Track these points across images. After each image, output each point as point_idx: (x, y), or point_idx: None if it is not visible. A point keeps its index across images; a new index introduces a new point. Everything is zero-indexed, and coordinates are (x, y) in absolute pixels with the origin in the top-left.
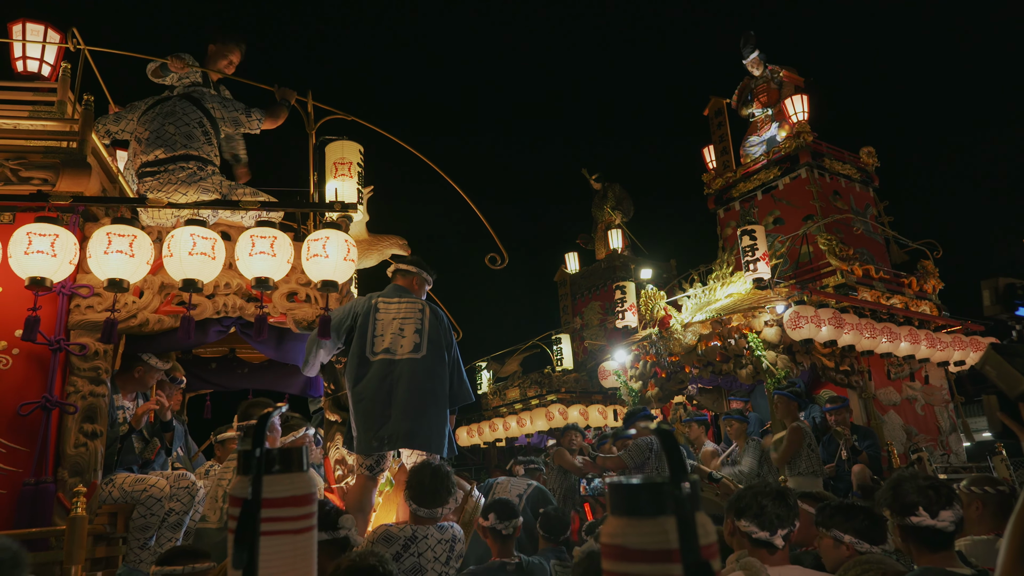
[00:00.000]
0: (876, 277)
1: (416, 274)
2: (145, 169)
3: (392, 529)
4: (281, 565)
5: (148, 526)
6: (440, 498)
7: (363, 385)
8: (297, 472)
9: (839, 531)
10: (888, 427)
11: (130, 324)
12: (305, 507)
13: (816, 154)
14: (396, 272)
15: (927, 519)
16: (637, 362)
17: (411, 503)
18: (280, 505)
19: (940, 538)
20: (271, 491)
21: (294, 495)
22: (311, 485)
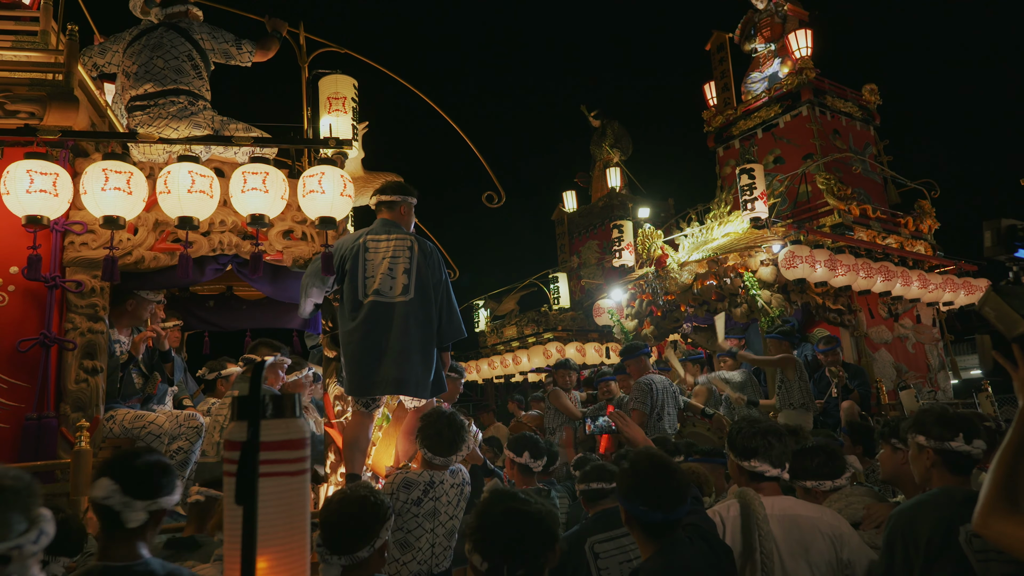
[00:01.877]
0: (873, 217)
1: (401, 202)
2: (135, 103)
3: (411, 475)
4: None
5: None
6: (456, 447)
7: (354, 328)
8: (291, 417)
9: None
10: (879, 365)
11: (126, 261)
12: (299, 450)
13: (818, 91)
14: (380, 205)
15: (963, 445)
16: (633, 301)
17: (427, 451)
18: (276, 448)
19: (968, 463)
20: (268, 435)
21: (289, 439)
22: (304, 430)
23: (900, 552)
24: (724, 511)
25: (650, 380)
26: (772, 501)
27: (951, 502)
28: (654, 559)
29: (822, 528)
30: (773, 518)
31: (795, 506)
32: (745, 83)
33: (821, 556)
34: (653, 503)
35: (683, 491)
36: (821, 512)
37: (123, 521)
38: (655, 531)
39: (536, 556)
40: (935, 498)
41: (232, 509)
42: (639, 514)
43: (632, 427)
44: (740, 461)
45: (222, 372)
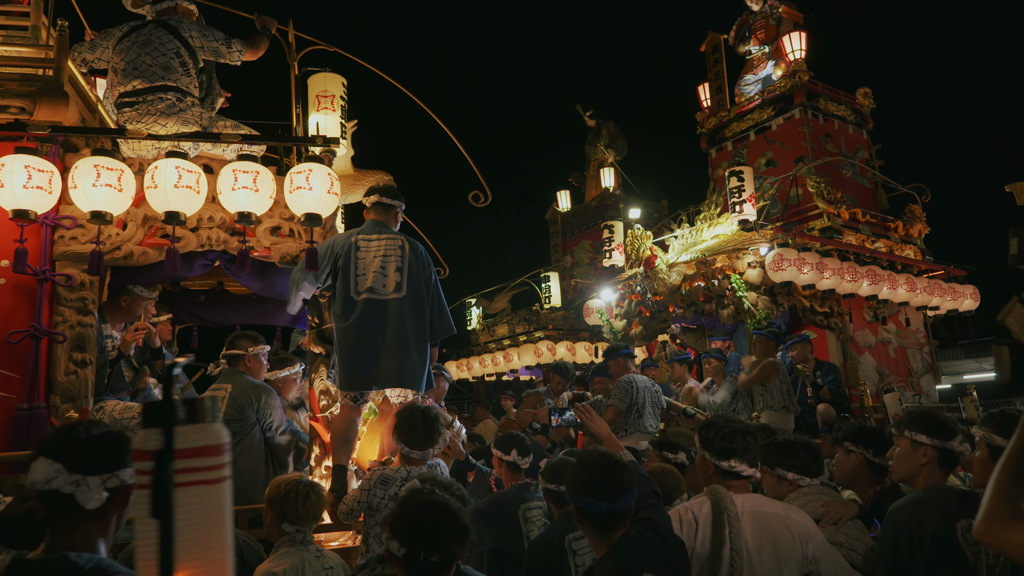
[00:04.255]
0: (862, 221)
1: (397, 207)
2: (123, 100)
3: (388, 472)
4: (198, 516)
5: None
6: (432, 439)
7: (350, 324)
8: (207, 422)
9: (783, 470)
10: (863, 368)
11: (115, 256)
12: (218, 457)
13: (811, 94)
14: (375, 206)
15: (959, 446)
16: (622, 301)
17: (403, 446)
18: (193, 455)
19: (956, 462)
20: (183, 441)
21: (207, 445)
22: (222, 435)
23: (905, 547)
24: (696, 508)
25: (631, 379)
26: (743, 499)
27: (947, 499)
28: (607, 557)
29: (791, 525)
30: (744, 515)
31: (765, 504)
32: (739, 85)
33: (790, 552)
34: (597, 494)
35: (626, 482)
36: (788, 509)
37: (81, 504)
38: (603, 524)
39: (450, 545)
40: (933, 495)
41: (145, 524)
42: (585, 506)
43: (596, 422)
44: (718, 461)
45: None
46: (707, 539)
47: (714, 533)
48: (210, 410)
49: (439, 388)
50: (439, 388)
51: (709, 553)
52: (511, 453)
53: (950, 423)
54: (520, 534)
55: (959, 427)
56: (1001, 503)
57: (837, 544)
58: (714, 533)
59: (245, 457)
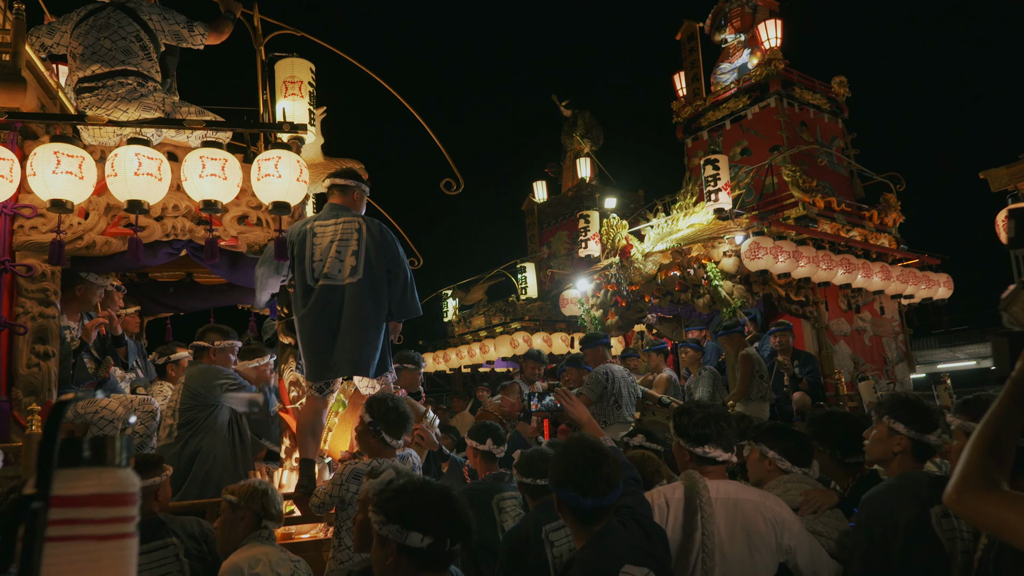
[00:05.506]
0: (837, 209)
1: (354, 187)
2: (82, 85)
3: (360, 466)
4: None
5: None
6: (405, 428)
7: (306, 312)
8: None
9: (766, 446)
10: (838, 356)
11: (76, 246)
12: (120, 508)
13: (787, 83)
14: (333, 188)
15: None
16: (598, 291)
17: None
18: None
19: (932, 453)
20: (67, 487)
21: (100, 493)
22: (130, 484)
23: (879, 535)
24: (669, 493)
25: (607, 368)
26: (717, 485)
27: (921, 486)
28: (587, 549)
29: (764, 513)
30: (717, 501)
31: (739, 491)
32: (714, 74)
33: (762, 540)
34: (583, 489)
35: (614, 477)
36: (764, 497)
37: None
38: (586, 517)
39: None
40: (906, 482)
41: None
42: (570, 500)
43: (577, 406)
44: (692, 447)
45: (171, 356)
46: (679, 524)
47: (686, 518)
48: (119, 452)
49: (410, 379)
50: (410, 379)
51: (680, 538)
52: (486, 442)
53: (931, 415)
54: (494, 525)
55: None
56: (975, 472)
57: (816, 533)
58: (686, 518)
59: (209, 441)
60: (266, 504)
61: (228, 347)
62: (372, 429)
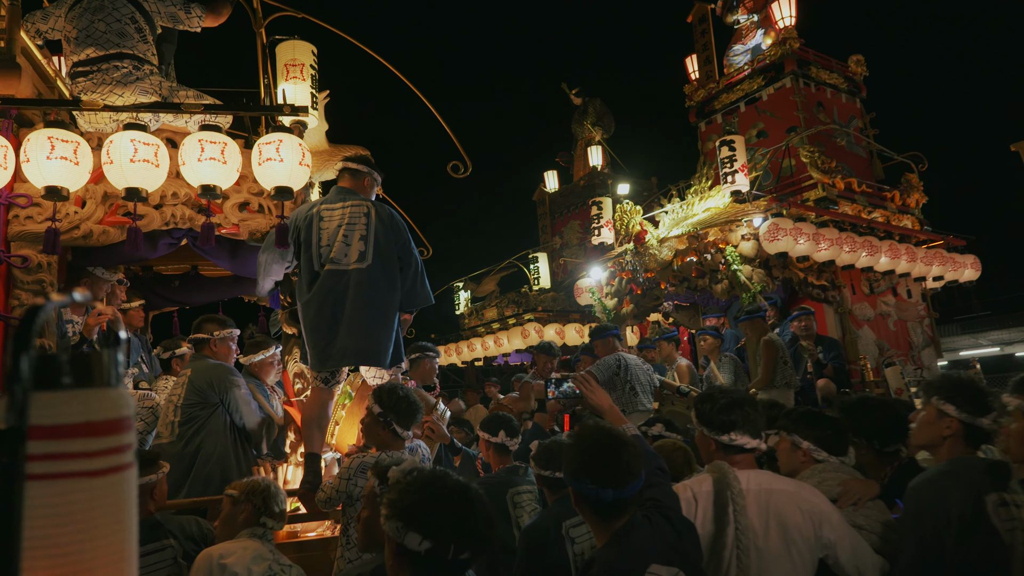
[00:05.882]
0: (858, 191)
1: (367, 174)
2: (77, 69)
3: (368, 459)
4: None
5: None
6: (416, 419)
7: (310, 298)
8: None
9: (799, 436)
10: (862, 342)
11: (73, 235)
12: (106, 438)
13: (802, 62)
14: (344, 172)
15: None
16: (612, 279)
17: (396, 428)
18: (63, 436)
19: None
20: (48, 415)
21: (88, 420)
22: (119, 406)
23: (930, 526)
24: (697, 486)
25: (619, 356)
26: (748, 475)
27: (975, 472)
28: (609, 547)
29: (801, 504)
30: (749, 492)
31: (772, 481)
32: (727, 56)
33: (799, 533)
34: (602, 479)
35: (634, 465)
36: (799, 487)
37: None
38: (607, 512)
39: (485, 540)
40: (958, 468)
41: None
42: (587, 493)
43: (597, 392)
44: (717, 435)
45: (176, 351)
46: (709, 519)
47: (716, 512)
48: (108, 368)
49: (425, 368)
50: (425, 368)
51: (711, 534)
52: (499, 434)
53: (985, 396)
54: (509, 520)
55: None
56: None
57: (857, 527)
58: (716, 512)
59: (211, 442)
60: (267, 500)
61: (228, 336)
62: (382, 420)
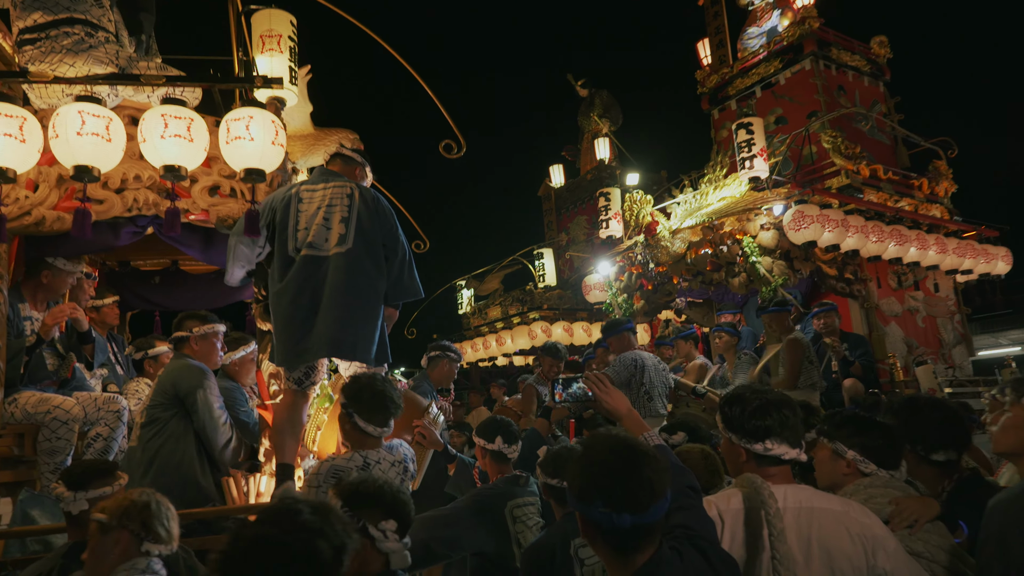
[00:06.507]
0: (884, 178)
1: (360, 164)
2: (23, 37)
3: (339, 462)
4: None
5: (56, 450)
6: (390, 411)
7: (284, 287)
8: None
9: (843, 444)
10: (890, 339)
11: (24, 222)
12: None
13: (822, 43)
14: (336, 157)
15: None
16: (622, 274)
17: (359, 420)
18: None
19: None
20: None
21: None
22: None
23: (1018, 552)
24: (723, 503)
25: (636, 355)
26: (785, 491)
27: None
28: None
29: (850, 527)
30: (787, 512)
31: (814, 498)
32: (741, 39)
33: (848, 562)
34: (617, 501)
35: (658, 483)
36: (847, 506)
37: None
38: (624, 542)
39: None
40: None
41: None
42: (600, 519)
43: (612, 393)
44: (749, 444)
45: (149, 352)
46: (738, 543)
47: (748, 536)
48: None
49: (444, 370)
50: (444, 370)
51: (742, 562)
52: (495, 441)
53: None
54: (508, 536)
55: None
56: None
57: (915, 554)
58: (748, 536)
59: (171, 448)
60: (148, 521)
61: (211, 332)
62: (345, 413)
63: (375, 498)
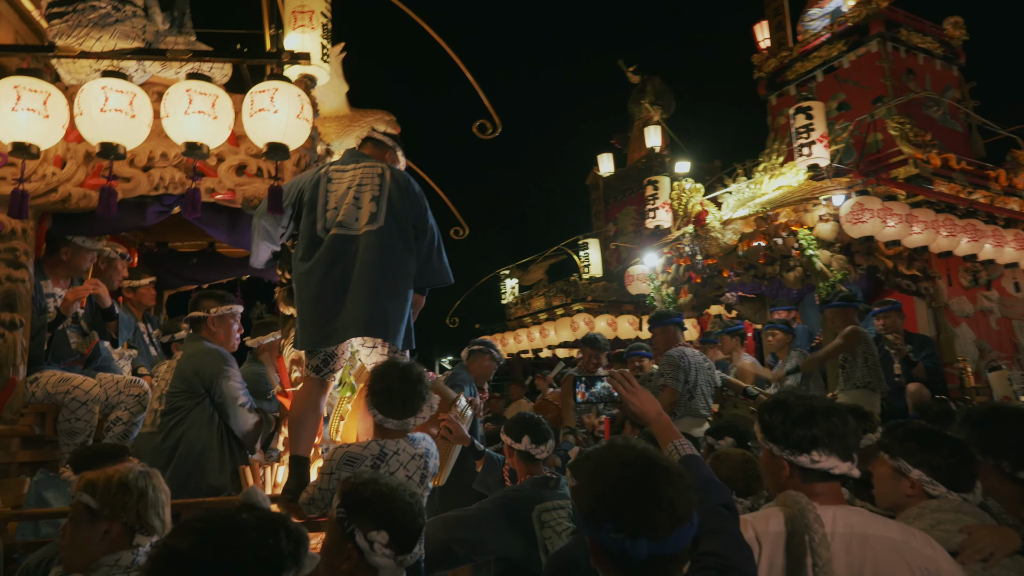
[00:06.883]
0: (957, 168)
1: (391, 148)
2: (52, 10)
3: (354, 449)
4: None
5: (75, 431)
6: (412, 406)
7: (311, 267)
8: None
9: (907, 461)
10: (960, 341)
11: (50, 199)
12: None
13: (891, 24)
14: (367, 140)
15: None
16: (669, 266)
17: (376, 412)
18: None
19: None
20: None
21: None
22: None
23: None
24: (760, 524)
25: (682, 352)
26: (835, 513)
27: None
28: None
29: (911, 559)
30: (836, 538)
31: (868, 523)
32: (802, 21)
33: None
34: (632, 525)
35: (681, 504)
36: (907, 535)
37: None
38: (640, 574)
39: None
40: None
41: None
42: (611, 546)
43: (640, 394)
44: (793, 456)
45: (176, 335)
46: (776, 571)
47: (788, 563)
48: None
49: (484, 366)
50: (484, 366)
51: None
52: (522, 440)
53: None
54: (535, 542)
55: None
56: None
57: None
58: (788, 563)
59: (193, 436)
60: (144, 512)
61: (228, 313)
62: (367, 402)
63: (373, 504)
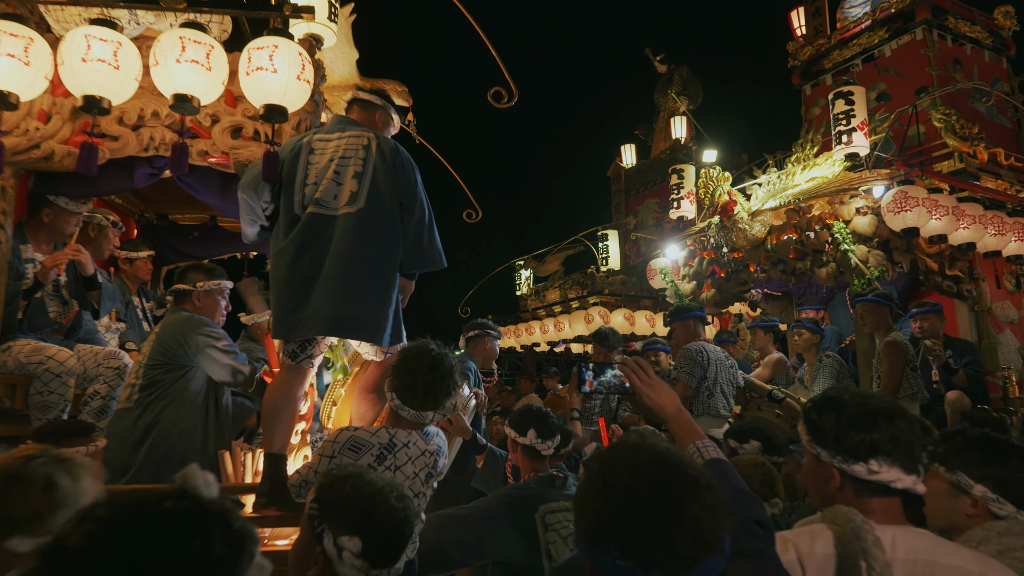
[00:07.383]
0: (1005, 164)
1: (380, 107)
2: None
3: (361, 434)
4: None
5: (48, 405)
6: (435, 399)
7: (284, 247)
8: None
9: (967, 476)
10: (1003, 348)
11: (32, 155)
12: None
13: (937, 10)
14: (354, 103)
15: None
16: (691, 259)
17: (394, 397)
18: None
19: None
20: None
21: None
22: None
23: None
24: (804, 544)
25: (701, 347)
26: (894, 535)
27: None
28: None
29: None
30: (896, 565)
31: (935, 549)
32: (842, 8)
33: None
34: (643, 553)
35: (710, 525)
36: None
37: None
38: None
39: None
40: None
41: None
42: (615, 573)
43: (657, 386)
44: (846, 464)
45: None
46: None
47: None
48: None
49: (486, 348)
50: (486, 348)
51: None
52: (527, 434)
53: None
54: (537, 546)
55: None
56: None
57: None
58: None
59: (173, 413)
60: (10, 504)
61: (216, 289)
62: (388, 383)
63: (349, 504)
